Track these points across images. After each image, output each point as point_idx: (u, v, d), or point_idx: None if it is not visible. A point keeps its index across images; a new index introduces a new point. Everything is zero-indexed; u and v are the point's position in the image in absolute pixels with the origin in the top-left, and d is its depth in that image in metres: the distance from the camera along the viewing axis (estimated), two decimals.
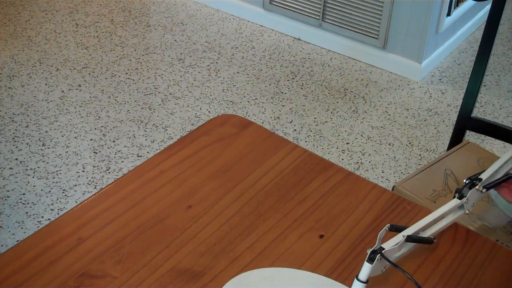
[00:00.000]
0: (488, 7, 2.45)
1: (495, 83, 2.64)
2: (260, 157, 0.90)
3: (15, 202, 1.96)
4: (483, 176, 0.77)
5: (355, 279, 0.64)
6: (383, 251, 0.64)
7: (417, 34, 2.54)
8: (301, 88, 2.56)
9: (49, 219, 1.90)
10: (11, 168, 2.09)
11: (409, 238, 0.67)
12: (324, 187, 0.86)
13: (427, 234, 0.71)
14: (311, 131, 2.32)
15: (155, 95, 2.49)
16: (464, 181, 0.76)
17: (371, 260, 0.64)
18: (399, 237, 0.67)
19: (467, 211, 0.75)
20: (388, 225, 0.67)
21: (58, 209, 1.94)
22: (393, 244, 0.65)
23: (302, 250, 0.76)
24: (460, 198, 0.74)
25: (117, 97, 2.47)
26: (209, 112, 2.41)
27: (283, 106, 2.45)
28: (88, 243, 0.75)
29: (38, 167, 2.10)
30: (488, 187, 0.77)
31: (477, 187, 0.75)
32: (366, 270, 0.64)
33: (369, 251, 0.64)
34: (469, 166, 1.34)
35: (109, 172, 2.09)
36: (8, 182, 2.04)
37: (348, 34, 2.74)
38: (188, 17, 3.07)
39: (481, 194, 0.76)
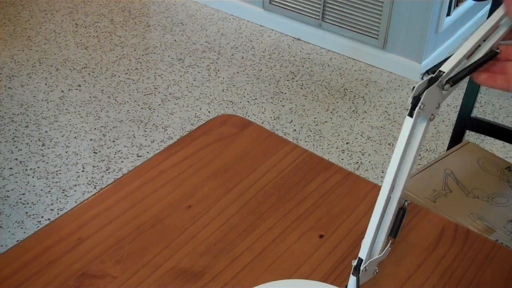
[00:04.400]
0: (488, 7, 2.44)
1: None
2: (260, 157, 0.90)
3: (15, 202, 1.96)
4: (445, 68, 0.58)
5: None
6: (367, 263, 0.63)
7: (417, 34, 2.54)
8: (301, 88, 2.56)
9: (49, 219, 1.90)
10: (11, 168, 2.09)
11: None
12: (324, 187, 0.85)
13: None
14: (311, 131, 2.32)
15: (155, 95, 2.49)
16: (420, 75, 0.59)
17: (357, 272, 0.63)
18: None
19: (431, 116, 0.60)
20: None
21: (58, 209, 1.94)
22: (376, 257, 0.64)
23: (302, 250, 0.76)
24: (413, 107, 0.57)
25: (117, 97, 2.47)
26: (209, 112, 2.40)
27: (283, 106, 2.45)
28: (88, 243, 0.75)
29: (38, 167, 2.10)
30: (454, 80, 0.59)
31: (437, 83, 0.57)
32: (353, 282, 0.63)
33: (354, 263, 0.63)
34: (469, 166, 1.34)
35: (109, 172, 2.09)
36: (8, 182, 2.03)
37: (348, 34, 2.74)
38: (188, 17, 3.07)
39: (446, 92, 0.59)
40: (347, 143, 2.26)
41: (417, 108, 0.57)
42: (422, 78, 0.58)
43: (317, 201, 0.83)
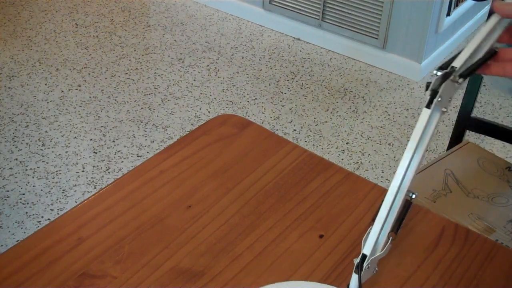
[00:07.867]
0: (488, 7, 2.44)
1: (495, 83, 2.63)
2: (260, 157, 0.90)
3: (15, 202, 1.96)
4: (456, 64, 0.63)
5: None
6: (369, 260, 0.63)
7: (417, 34, 2.54)
8: (301, 88, 2.56)
9: (49, 219, 1.90)
10: (11, 168, 2.09)
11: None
12: (324, 187, 0.85)
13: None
14: (311, 131, 2.32)
15: (155, 95, 2.49)
16: (434, 72, 0.62)
17: (359, 269, 0.63)
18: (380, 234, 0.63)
19: (443, 109, 0.64)
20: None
21: (58, 209, 1.94)
22: (380, 252, 0.64)
23: (302, 250, 0.76)
24: (431, 99, 0.61)
25: (117, 97, 2.47)
26: (209, 112, 2.40)
27: (283, 106, 2.45)
28: (88, 243, 0.75)
29: (38, 167, 2.10)
30: (465, 74, 0.63)
31: (451, 77, 0.62)
32: (355, 280, 0.63)
33: (356, 261, 0.63)
34: (469, 166, 1.34)
35: (109, 172, 2.09)
36: (8, 182, 2.03)
37: (348, 34, 2.74)
38: (188, 17, 3.07)
39: (458, 85, 0.63)
40: (347, 143, 2.26)
41: (435, 100, 0.61)
42: (436, 74, 0.62)
43: (317, 201, 0.83)
